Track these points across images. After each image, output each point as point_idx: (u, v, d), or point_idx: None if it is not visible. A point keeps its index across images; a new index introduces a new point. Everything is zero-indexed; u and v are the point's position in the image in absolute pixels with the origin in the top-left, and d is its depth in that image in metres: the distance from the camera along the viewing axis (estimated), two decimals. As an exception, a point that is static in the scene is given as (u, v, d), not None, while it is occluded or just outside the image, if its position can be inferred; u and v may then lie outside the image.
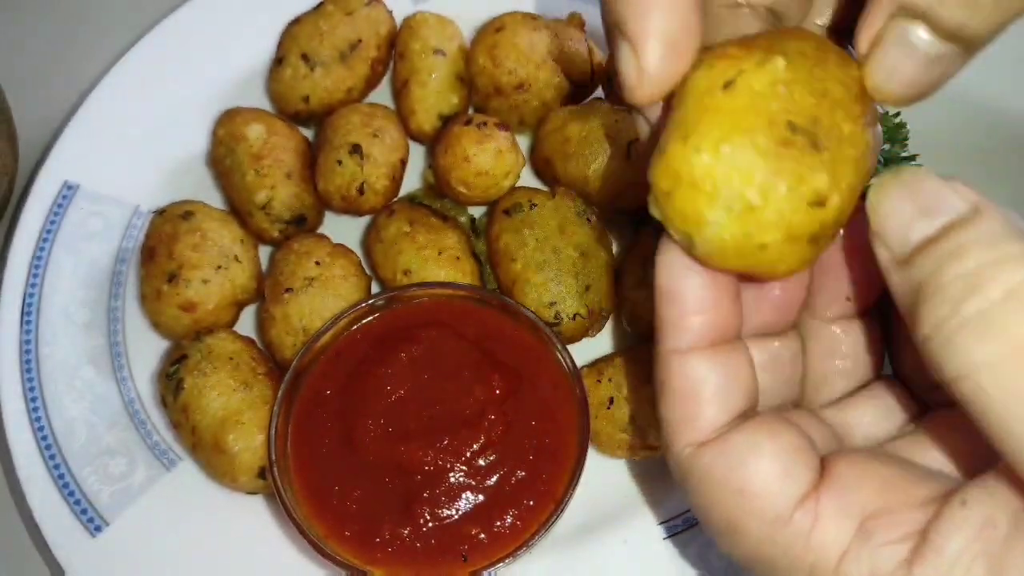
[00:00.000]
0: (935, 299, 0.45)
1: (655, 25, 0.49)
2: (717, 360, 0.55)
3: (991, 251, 0.44)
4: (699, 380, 0.54)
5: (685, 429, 0.55)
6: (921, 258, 0.46)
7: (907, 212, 0.47)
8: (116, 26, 1.23)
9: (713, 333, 0.54)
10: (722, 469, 0.53)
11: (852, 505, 0.50)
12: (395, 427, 0.87)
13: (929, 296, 0.45)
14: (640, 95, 0.51)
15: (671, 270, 0.54)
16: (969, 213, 0.46)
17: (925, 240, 0.46)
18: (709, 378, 0.54)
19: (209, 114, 1.10)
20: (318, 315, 0.95)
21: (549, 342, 0.91)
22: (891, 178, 0.48)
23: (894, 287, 0.48)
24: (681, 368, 0.54)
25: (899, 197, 0.48)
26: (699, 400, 0.54)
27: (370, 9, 1.10)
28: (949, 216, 0.46)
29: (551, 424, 0.88)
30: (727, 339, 0.55)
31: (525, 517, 0.85)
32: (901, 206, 0.48)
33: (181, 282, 0.95)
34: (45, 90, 1.21)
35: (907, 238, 0.47)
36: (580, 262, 0.97)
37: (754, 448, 0.52)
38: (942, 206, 0.47)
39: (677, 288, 0.54)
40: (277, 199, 1.01)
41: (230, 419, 0.89)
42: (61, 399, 0.96)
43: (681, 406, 0.55)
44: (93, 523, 0.90)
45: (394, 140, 1.05)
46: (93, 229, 1.05)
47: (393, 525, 0.84)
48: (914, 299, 0.46)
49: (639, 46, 0.50)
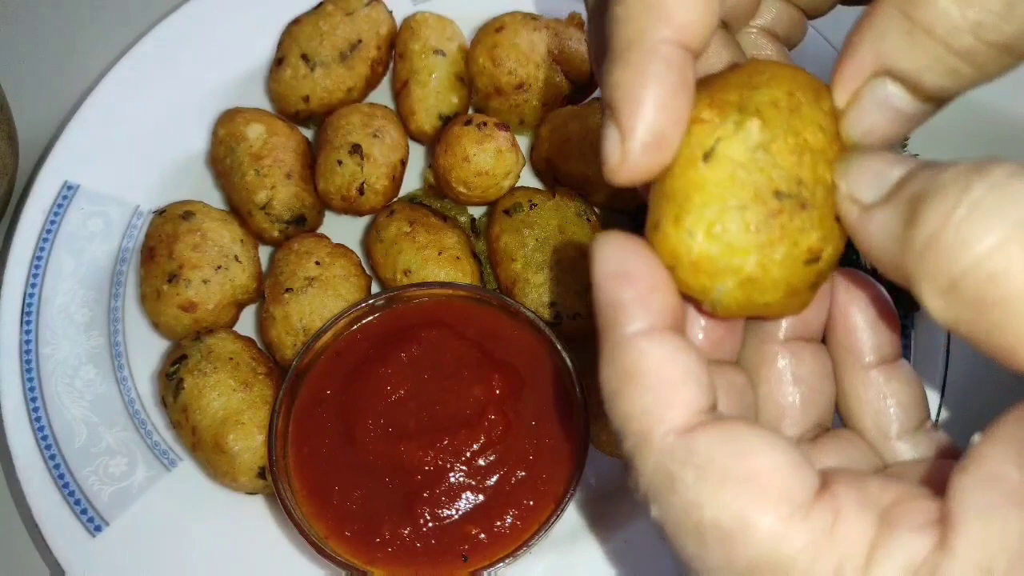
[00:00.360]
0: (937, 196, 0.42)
1: (646, 118, 0.48)
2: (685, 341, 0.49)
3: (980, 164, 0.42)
4: (672, 359, 0.48)
5: (665, 415, 0.47)
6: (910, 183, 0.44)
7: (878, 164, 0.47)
8: (116, 26, 1.23)
9: (673, 316, 0.49)
10: (725, 456, 0.45)
11: (869, 496, 0.45)
12: (395, 427, 0.87)
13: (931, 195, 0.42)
14: (620, 178, 0.49)
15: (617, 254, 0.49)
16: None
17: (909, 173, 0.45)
18: (681, 357, 0.48)
19: (209, 114, 1.10)
20: (318, 315, 0.95)
21: (549, 342, 0.92)
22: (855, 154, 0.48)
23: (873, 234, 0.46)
24: (650, 348, 0.48)
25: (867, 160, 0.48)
26: (676, 381, 0.47)
27: (370, 9, 1.10)
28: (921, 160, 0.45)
29: (551, 424, 0.88)
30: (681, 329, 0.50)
31: (525, 517, 0.85)
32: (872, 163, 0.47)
33: (181, 282, 0.95)
34: (45, 90, 1.21)
35: (887, 179, 0.46)
36: (580, 262, 0.97)
37: (759, 433, 0.46)
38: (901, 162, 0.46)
39: (628, 269, 0.49)
40: (277, 199, 1.01)
41: (230, 419, 0.89)
42: (61, 399, 0.96)
43: (656, 391, 0.47)
44: (93, 523, 0.90)
45: (394, 140, 1.05)
46: (93, 229, 1.05)
47: (393, 525, 0.84)
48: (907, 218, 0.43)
49: (626, 134, 0.48)
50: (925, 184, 0.43)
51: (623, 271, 0.49)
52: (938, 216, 0.42)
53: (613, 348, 0.49)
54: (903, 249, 0.44)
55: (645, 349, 0.48)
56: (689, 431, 0.46)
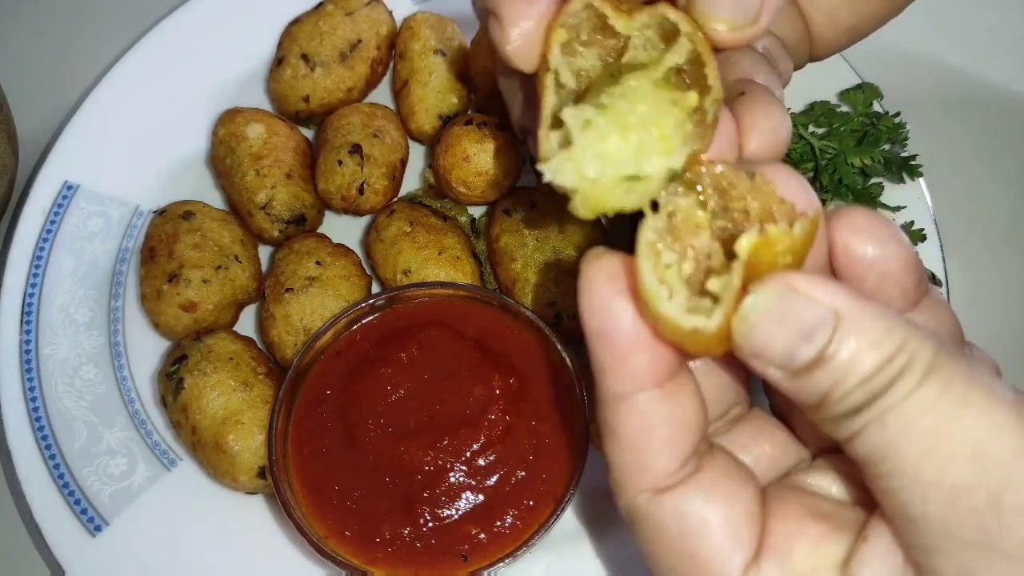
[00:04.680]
0: (843, 404, 0.48)
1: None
2: (664, 401, 0.53)
3: (876, 352, 0.47)
4: (648, 427, 0.53)
5: (637, 477, 0.54)
6: (816, 374, 0.48)
7: (784, 338, 0.49)
8: (116, 26, 1.23)
9: (656, 372, 0.53)
10: (674, 531, 0.54)
11: (788, 571, 0.53)
12: (395, 427, 0.87)
13: (836, 402, 0.48)
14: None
15: (600, 309, 0.52)
16: (834, 319, 0.48)
17: (812, 361, 0.48)
18: (658, 424, 0.53)
19: (209, 114, 1.10)
20: (318, 315, 0.95)
21: (549, 342, 0.92)
22: (750, 307, 0.49)
23: (787, 392, 0.51)
24: (628, 415, 0.53)
25: (768, 326, 0.49)
26: (650, 448, 0.53)
27: (370, 9, 1.10)
28: (824, 332, 0.48)
29: (551, 424, 0.88)
30: (671, 373, 0.54)
31: (525, 517, 0.85)
32: (774, 333, 0.49)
33: (181, 282, 0.95)
34: (45, 90, 1.21)
35: (793, 361, 0.49)
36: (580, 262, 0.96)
37: (705, 516, 0.54)
38: (811, 323, 0.48)
39: (611, 328, 0.52)
40: (277, 199, 1.01)
41: (230, 419, 0.89)
42: (61, 399, 0.96)
43: (631, 454, 0.54)
44: (93, 523, 0.90)
45: (394, 140, 1.05)
46: (93, 229, 1.05)
47: (393, 525, 0.84)
48: (817, 401, 0.50)
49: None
50: (832, 387, 0.49)
51: (606, 328, 0.52)
52: (845, 425, 0.49)
53: (600, 402, 0.55)
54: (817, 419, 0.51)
55: (623, 415, 0.53)
56: (655, 495, 0.54)
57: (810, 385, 0.49)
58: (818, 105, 1.08)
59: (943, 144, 1.11)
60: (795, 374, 0.49)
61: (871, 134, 1.04)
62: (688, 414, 0.54)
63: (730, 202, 0.54)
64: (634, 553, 0.90)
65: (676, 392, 0.54)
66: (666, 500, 0.54)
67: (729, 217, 0.53)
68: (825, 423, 0.50)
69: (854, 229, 0.55)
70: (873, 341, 0.47)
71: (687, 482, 0.54)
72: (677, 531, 0.54)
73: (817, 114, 1.07)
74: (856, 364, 0.47)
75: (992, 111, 1.20)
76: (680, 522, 0.54)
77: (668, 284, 0.51)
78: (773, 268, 0.50)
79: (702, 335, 0.50)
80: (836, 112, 1.08)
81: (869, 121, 1.06)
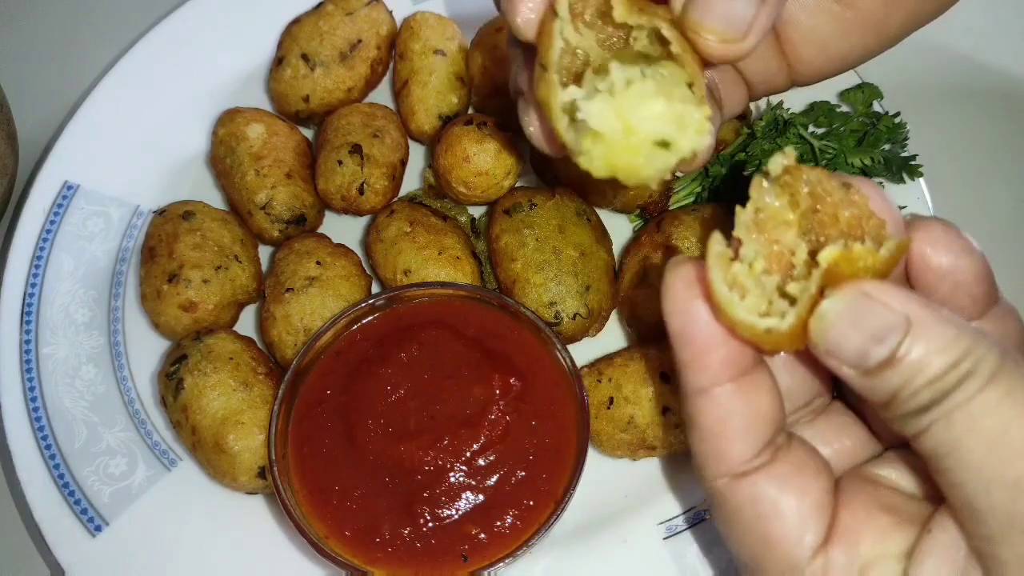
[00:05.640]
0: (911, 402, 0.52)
1: None
2: (739, 394, 0.58)
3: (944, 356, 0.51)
4: (724, 418, 0.59)
5: (715, 463, 0.60)
6: (887, 374, 0.52)
7: (856, 340, 0.53)
8: (116, 26, 1.24)
9: (731, 368, 0.58)
10: (749, 514, 0.59)
11: (854, 558, 0.58)
12: (395, 427, 0.87)
13: (905, 400, 0.52)
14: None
15: (681, 312, 0.57)
16: (905, 324, 0.52)
17: (883, 361, 0.52)
18: (734, 415, 0.58)
19: (209, 114, 1.10)
20: (318, 315, 0.95)
21: (549, 342, 0.91)
22: (828, 309, 0.53)
23: (859, 389, 0.55)
24: (706, 407, 0.59)
25: (843, 327, 0.53)
26: (726, 437, 0.59)
27: (370, 9, 1.10)
28: (896, 336, 0.52)
29: (551, 424, 0.88)
30: (747, 368, 0.59)
31: (525, 517, 0.85)
32: (849, 335, 0.53)
33: (181, 282, 0.95)
34: (45, 90, 1.21)
35: (865, 361, 0.53)
36: (580, 262, 0.97)
37: (779, 502, 0.59)
38: (884, 326, 0.52)
39: (689, 330, 0.57)
40: (277, 199, 1.01)
41: (230, 419, 0.89)
42: (61, 399, 0.96)
43: (710, 442, 0.60)
44: (93, 523, 0.90)
45: (394, 140, 1.05)
46: (93, 229, 1.05)
47: (393, 525, 0.84)
48: (886, 399, 0.53)
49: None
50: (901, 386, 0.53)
51: (687, 330, 0.58)
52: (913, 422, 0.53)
53: (682, 396, 0.61)
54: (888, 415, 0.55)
55: (702, 407, 0.59)
56: (733, 479, 0.59)
57: (881, 384, 0.53)
58: (818, 105, 1.08)
59: (943, 144, 1.11)
60: (867, 373, 0.53)
61: (871, 134, 1.04)
62: (763, 407, 0.60)
63: (822, 207, 0.57)
64: (635, 553, 0.90)
65: (751, 387, 0.59)
66: (743, 485, 0.59)
67: (818, 220, 0.57)
68: (894, 420, 0.54)
69: (931, 241, 0.60)
70: (942, 346, 0.51)
71: (762, 470, 0.59)
72: (752, 514, 0.59)
73: (817, 114, 1.07)
74: (924, 366, 0.51)
75: (992, 111, 1.20)
76: (755, 506, 0.59)
77: (739, 285, 0.55)
78: (852, 279, 0.54)
79: (775, 334, 0.55)
80: (836, 112, 1.08)
81: (869, 121, 1.06)
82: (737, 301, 0.55)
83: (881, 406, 0.55)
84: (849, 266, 0.53)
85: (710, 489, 0.61)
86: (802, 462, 0.61)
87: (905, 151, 1.05)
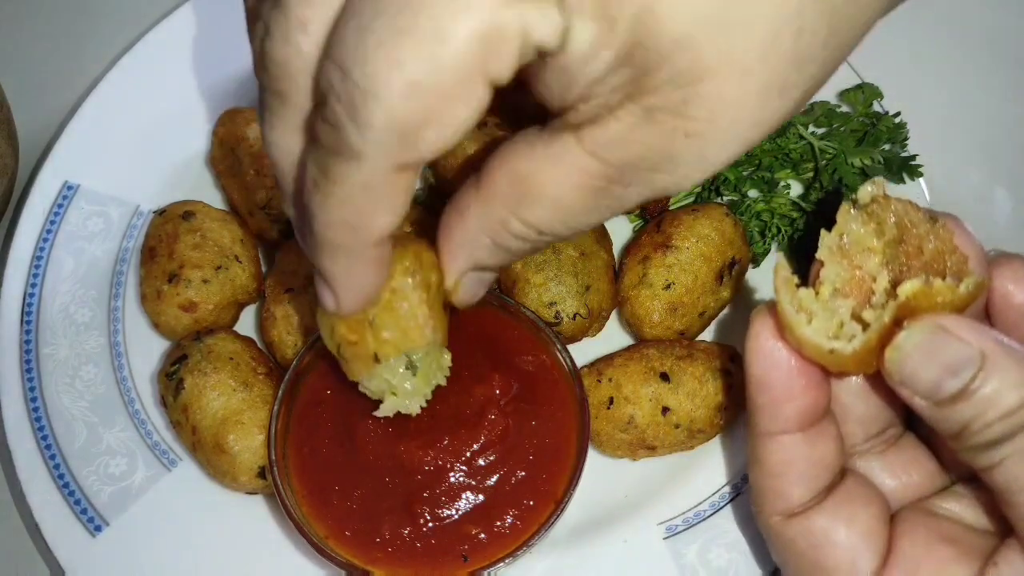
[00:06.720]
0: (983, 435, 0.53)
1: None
2: (805, 444, 0.61)
3: (1018, 392, 0.53)
4: (788, 463, 0.62)
5: (774, 501, 0.64)
6: (960, 406, 0.54)
7: (932, 371, 0.54)
8: (116, 26, 1.23)
9: (802, 418, 0.60)
10: (804, 545, 0.63)
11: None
12: (395, 427, 0.87)
13: (976, 433, 0.53)
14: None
15: (763, 359, 0.60)
16: (980, 359, 0.53)
17: (956, 393, 0.54)
18: (797, 462, 0.61)
19: (209, 114, 1.10)
20: (318, 315, 0.95)
21: (549, 342, 0.91)
22: (904, 340, 0.55)
23: (930, 420, 0.57)
24: (772, 451, 0.62)
25: (919, 359, 0.55)
26: (787, 480, 0.62)
27: (370, 9, 1.10)
28: (970, 369, 0.53)
29: (551, 424, 0.88)
30: (816, 419, 0.61)
31: (525, 517, 0.85)
32: (925, 366, 0.55)
33: (181, 282, 0.95)
34: (45, 90, 1.21)
35: (939, 392, 0.54)
36: (580, 262, 0.96)
37: (832, 533, 0.62)
38: (959, 360, 0.53)
39: (769, 378, 0.60)
40: (277, 199, 1.01)
41: (230, 419, 0.89)
42: (61, 399, 0.96)
43: (771, 482, 0.63)
44: (93, 523, 0.90)
45: (394, 140, 1.05)
46: (93, 229, 1.05)
47: (393, 525, 0.84)
48: (958, 430, 0.55)
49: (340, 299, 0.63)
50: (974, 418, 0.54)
51: (766, 378, 0.61)
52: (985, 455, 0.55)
53: (750, 436, 0.64)
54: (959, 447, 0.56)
55: (769, 450, 0.63)
56: (788, 517, 0.63)
57: (953, 415, 0.54)
58: (818, 105, 1.08)
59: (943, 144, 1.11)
60: (939, 404, 0.55)
61: (871, 134, 1.04)
62: (825, 456, 0.63)
63: (908, 238, 0.59)
64: (635, 553, 0.90)
65: (817, 437, 0.62)
66: (795, 523, 0.63)
67: (903, 250, 0.59)
68: (964, 452, 0.56)
69: (1014, 278, 0.62)
70: (1016, 382, 0.52)
71: (815, 507, 0.62)
72: (805, 545, 0.63)
73: (817, 114, 1.07)
74: (998, 400, 0.52)
75: (992, 111, 1.20)
76: (807, 538, 0.63)
77: (807, 309, 0.58)
78: (928, 312, 0.55)
79: (838, 355, 0.57)
80: (836, 112, 1.08)
81: (869, 121, 1.06)
82: (803, 321, 0.57)
83: (952, 437, 0.55)
84: (927, 300, 0.55)
85: (765, 524, 0.64)
86: (851, 492, 0.63)
87: (905, 151, 1.05)
